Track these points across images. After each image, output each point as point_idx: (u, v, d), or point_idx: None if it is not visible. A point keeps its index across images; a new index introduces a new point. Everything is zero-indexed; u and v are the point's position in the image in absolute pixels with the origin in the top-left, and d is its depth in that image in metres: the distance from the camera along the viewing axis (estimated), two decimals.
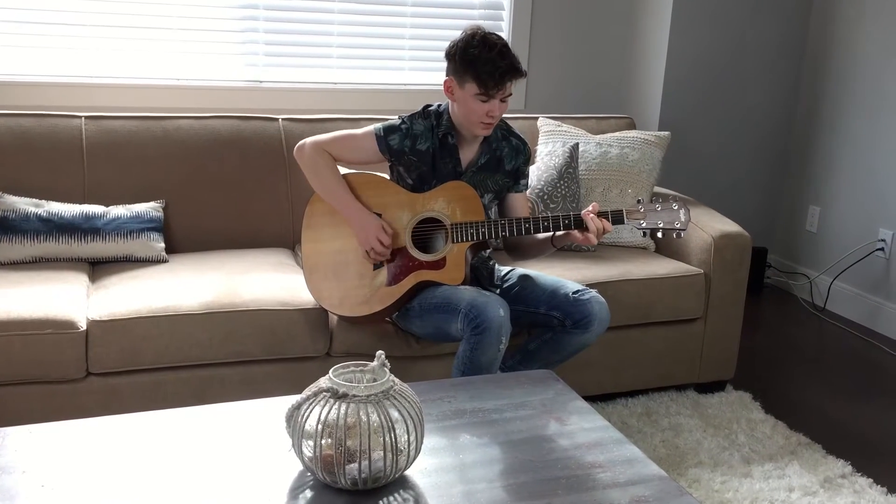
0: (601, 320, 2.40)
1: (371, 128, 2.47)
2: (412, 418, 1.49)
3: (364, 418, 1.45)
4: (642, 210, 2.36)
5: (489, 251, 2.59)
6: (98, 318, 2.30)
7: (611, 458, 1.64)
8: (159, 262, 2.71)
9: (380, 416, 1.46)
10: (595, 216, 2.32)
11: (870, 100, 3.80)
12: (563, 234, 2.38)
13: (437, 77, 2.49)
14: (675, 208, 2.36)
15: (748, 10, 3.94)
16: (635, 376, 2.91)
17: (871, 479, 2.48)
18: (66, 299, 2.34)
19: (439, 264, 2.39)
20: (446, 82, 2.39)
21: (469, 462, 1.61)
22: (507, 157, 2.51)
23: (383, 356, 1.55)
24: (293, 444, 1.50)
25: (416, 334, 2.50)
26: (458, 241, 2.39)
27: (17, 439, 1.63)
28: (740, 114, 4.08)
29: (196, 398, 2.33)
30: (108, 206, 2.75)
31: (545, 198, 3.02)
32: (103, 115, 2.90)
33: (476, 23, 3.79)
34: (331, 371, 1.53)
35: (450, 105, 2.44)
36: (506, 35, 3.83)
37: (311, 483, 1.52)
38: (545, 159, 3.10)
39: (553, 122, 3.33)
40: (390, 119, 2.50)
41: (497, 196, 2.55)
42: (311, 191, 2.54)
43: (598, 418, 1.82)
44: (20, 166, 2.74)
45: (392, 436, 1.46)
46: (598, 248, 3.04)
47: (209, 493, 1.49)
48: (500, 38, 2.36)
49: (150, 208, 2.78)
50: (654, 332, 2.89)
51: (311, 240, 2.49)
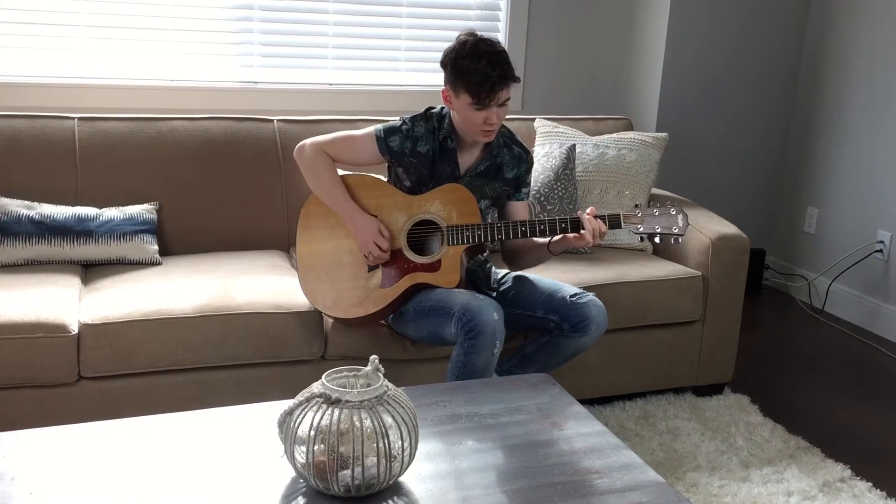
0: (599, 324, 2.39)
1: (371, 129, 2.46)
2: (406, 424, 1.48)
3: (357, 424, 1.44)
4: (640, 215, 2.34)
5: (486, 254, 2.57)
6: (90, 322, 2.28)
7: (608, 464, 1.63)
8: (153, 264, 2.69)
9: (373, 421, 1.44)
10: (591, 217, 2.30)
11: (868, 101, 3.78)
12: (559, 239, 2.37)
13: (433, 78, 2.48)
14: (673, 213, 2.34)
15: (746, 12, 3.93)
16: (633, 379, 2.89)
17: (870, 483, 2.47)
18: (57, 302, 2.31)
19: (434, 267, 2.38)
20: (443, 92, 2.37)
21: (464, 468, 1.59)
22: (508, 165, 2.49)
23: (377, 361, 1.53)
24: (285, 450, 1.49)
25: (410, 337, 2.49)
26: (453, 244, 2.37)
27: (6, 445, 1.61)
28: (738, 115, 4.07)
29: (189, 402, 2.31)
30: (100, 208, 2.72)
31: (542, 199, 3.00)
32: (96, 116, 2.88)
33: (470, 26, 3.78)
34: (324, 376, 1.51)
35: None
36: (502, 35, 3.81)
37: (303, 490, 1.50)
38: (542, 161, 3.08)
39: (550, 123, 3.31)
40: (390, 120, 2.48)
41: (495, 202, 2.53)
42: (305, 193, 2.52)
43: (595, 423, 1.80)
44: (12, 168, 2.72)
45: (386, 442, 1.44)
46: (595, 250, 3.02)
47: (201, 500, 1.47)
48: (491, 44, 2.31)
49: (143, 210, 2.76)
50: (652, 335, 2.87)
51: (305, 241, 2.47)
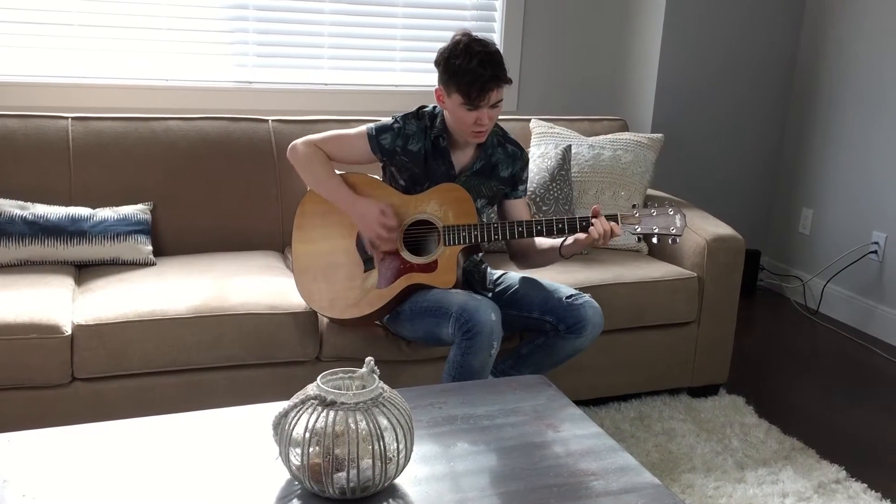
0: (595, 325, 2.38)
1: (363, 127, 2.45)
2: (402, 426, 1.47)
3: (353, 426, 1.43)
4: (637, 215, 2.33)
5: (481, 255, 2.56)
6: (84, 323, 2.26)
7: (604, 466, 1.62)
8: (147, 265, 2.68)
9: (368, 423, 1.44)
10: (603, 219, 2.28)
11: (863, 101, 3.79)
12: (571, 242, 2.35)
13: (428, 78, 2.48)
14: (671, 214, 2.33)
15: (740, 13, 3.93)
16: (628, 380, 2.89)
17: (865, 485, 2.47)
18: (50, 303, 2.30)
19: (431, 267, 2.37)
20: (436, 91, 2.36)
21: (460, 470, 1.59)
22: (503, 163, 2.49)
23: (372, 362, 1.53)
24: (280, 453, 1.48)
25: (406, 338, 2.48)
26: (450, 244, 2.36)
27: None
28: (733, 116, 4.07)
29: (183, 403, 2.30)
30: (94, 208, 2.71)
31: (538, 200, 2.99)
32: (90, 115, 2.87)
33: (465, 27, 3.77)
34: (319, 378, 1.51)
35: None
36: (498, 36, 3.81)
37: (298, 492, 1.49)
38: (537, 161, 3.08)
39: (545, 123, 3.31)
40: (383, 119, 2.47)
41: (491, 202, 2.52)
42: (301, 192, 2.51)
43: (590, 425, 1.79)
44: (5, 168, 2.70)
45: (381, 444, 1.44)
46: (591, 251, 3.02)
47: (195, 503, 1.46)
48: (484, 44, 2.30)
49: (137, 210, 2.75)
50: (648, 336, 2.87)
51: (301, 240, 2.46)
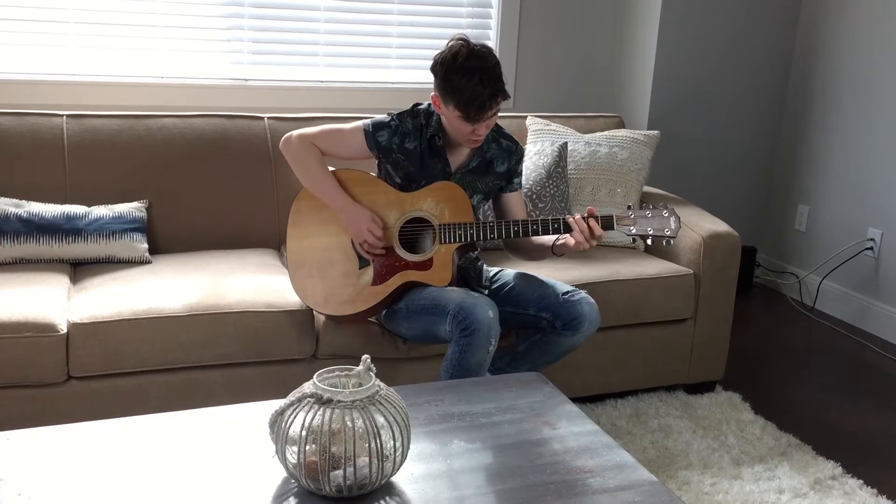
0: (591, 321, 2.39)
1: (359, 123, 2.44)
2: (398, 424, 1.47)
3: (349, 424, 1.43)
4: (632, 216, 2.34)
5: (477, 252, 2.56)
6: (79, 321, 2.26)
7: (600, 463, 1.62)
8: (142, 263, 2.68)
9: (365, 421, 1.43)
10: (581, 218, 2.29)
11: (859, 98, 3.79)
12: (562, 242, 2.36)
13: (424, 75, 2.47)
14: (666, 215, 2.34)
15: (737, 10, 3.93)
16: (624, 377, 2.89)
17: (861, 481, 2.47)
18: (46, 301, 2.30)
19: (426, 265, 2.37)
20: (433, 96, 2.34)
21: (457, 468, 1.59)
22: (498, 159, 2.48)
23: (369, 360, 1.53)
24: (277, 451, 1.48)
25: (403, 336, 2.48)
26: (445, 242, 2.36)
27: None
28: (729, 112, 4.07)
29: (180, 402, 2.30)
30: (90, 206, 2.70)
31: (534, 197, 2.99)
32: (85, 113, 2.86)
33: (461, 24, 3.77)
34: (315, 376, 1.50)
35: None
36: (494, 33, 3.80)
37: (295, 490, 1.49)
38: (534, 159, 3.08)
39: (542, 121, 3.31)
40: (378, 116, 2.47)
41: (486, 197, 2.52)
42: (297, 190, 2.50)
43: (587, 422, 1.79)
44: (0, 166, 2.69)
45: (378, 442, 1.43)
46: (590, 249, 3.01)
47: (191, 501, 1.46)
48: (483, 56, 2.24)
49: (132, 208, 2.74)
50: (644, 333, 2.87)
51: (296, 237, 2.46)
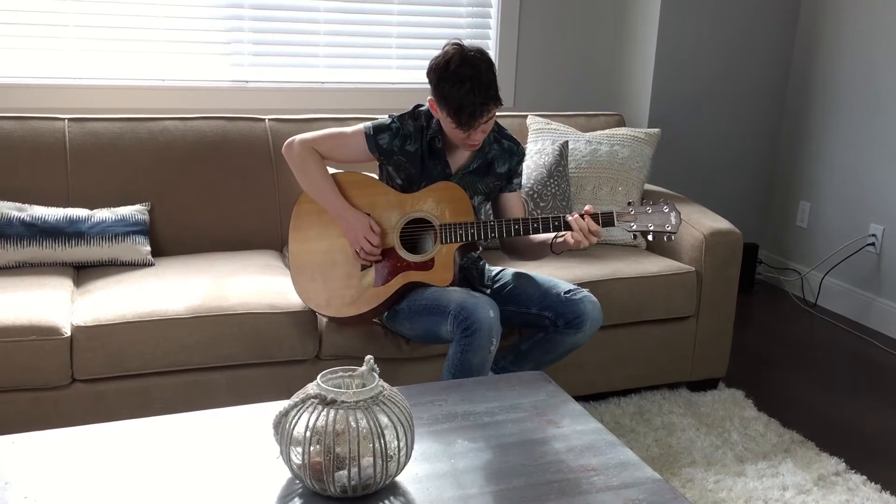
0: (594, 320, 2.39)
1: (360, 126, 2.45)
2: (402, 424, 1.47)
3: (353, 424, 1.43)
4: (633, 212, 2.34)
5: (479, 251, 2.56)
6: (83, 324, 2.27)
7: (604, 462, 1.63)
8: (145, 265, 2.68)
9: (369, 421, 1.44)
10: (579, 217, 2.29)
11: (859, 94, 3.79)
12: (561, 240, 2.36)
13: (424, 76, 2.47)
14: (666, 211, 2.34)
15: (737, 7, 3.93)
16: (627, 375, 2.89)
17: (864, 477, 2.47)
18: (49, 305, 2.30)
19: (428, 265, 2.37)
20: (430, 101, 2.34)
21: (461, 467, 1.59)
22: (499, 159, 2.49)
23: (372, 361, 1.53)
24: (281, 452, 1.48)
25: (405, 336, 2.48)
26: (446, 243, 2.36)
27: (0, 449, 1.60)
28: (730, 110, 4.07)
29: (184, 403, 2.31)
30: (92, 209, 2.71)
31: (535, 196, 3.00)
32: (87, 116, 2.87)
33: (460, 24, 3.77)
34: (319, 377, 1.51)
35: None
36: (493, 32, 3.80)
37: (299, 491, 1.49)
38: (535, 158, 3.08)
39: (542, 119, 3.31)
40: (380, 118, 2.47)
41: (488, 198, 2.53)
42: (298, 192, 2.51)
43: (590, 420, 1.80)
44: (2, 170, 2.70)
45: (382, 442, 1.44)
46: (588, 247, 3.01)
47: (196, 503, 1.46)
48: (474, 64, 2.23)
49: (135, 211, 2.75)
50: (646, 331, 2.87)
51: (298, 239, 2.46)
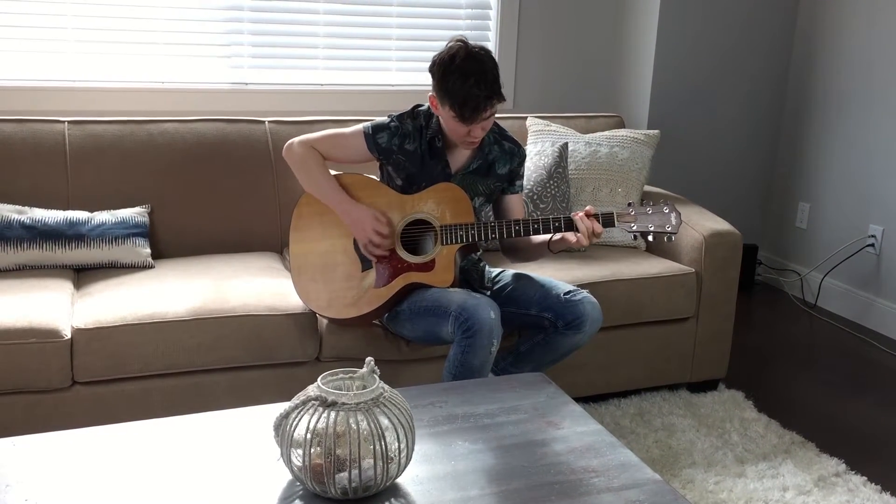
0: (593, 321, 2.39)
1: (360, 126, 2.45)
2: (402, 425, 1.47)
3: (354, 426, 1.43)
4: (633, 213, 2.34)
5: (479, 253, 2.57)
6: (83, 326, 2.27)
7: (604, 463, 1.63)
8: (145, 267, 2.68)
9: (370, 423, 1.44)
10: (584, 217, 2.30)
11: (859, 96, 3.79)
12: (559, 238, 2.37)
13: (423, 77, 2.48)
14: (666, 212, 2.34)
15: (736, 8, 3.93)
16: (627, 376, 2.89)
17: (864, 478, 2.48)
18: (50, 307, 2.30)
19: (428, 266, 2.37)
20: (431, 97, 2.35)
21: (461, 469, 1.59)
22: (500, 161, 2.49)
23: (372, 363, 1.53)
24: (282, 454, 1.48)
25: (406, 337, 2.48)
26: (447, 244, 2.36)
27: (0, 452, 1.60)
28: (729, 111, 4.08)
29: (184, 406, 2.30)
30: (92, 211, 2.71)
31: (535, 198, 3.00)
32: (86, 119, 2.87)
33: (460, 25, 3.78)
34: (319, 379, 1.51)
35: None
36: (493, 34, 3.81)
37: (300, 493, 1.50)
38: (534, 159, 3.08)
39: (542, 121, 3.31)
40: (379, 118, 2.48)
41: (489, 199, 2.53)
42: (299, 193, 2.51)
43: (590, 421, 1.80)
44: (2, 173, 2.70)
45: (382, 444, 1.44)
46: (588, 248, 3.03)
47: None
48: (479, 59, 2.25)
49: (135, 213, 2.75)
50: (646, 332, 2.87)
51: (298, 241, 2.47)
